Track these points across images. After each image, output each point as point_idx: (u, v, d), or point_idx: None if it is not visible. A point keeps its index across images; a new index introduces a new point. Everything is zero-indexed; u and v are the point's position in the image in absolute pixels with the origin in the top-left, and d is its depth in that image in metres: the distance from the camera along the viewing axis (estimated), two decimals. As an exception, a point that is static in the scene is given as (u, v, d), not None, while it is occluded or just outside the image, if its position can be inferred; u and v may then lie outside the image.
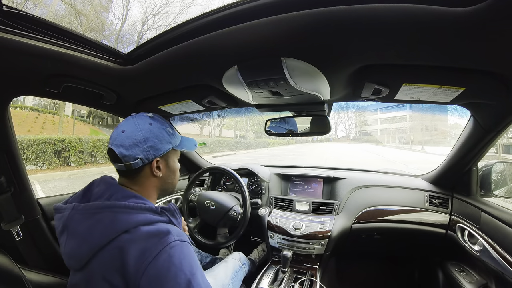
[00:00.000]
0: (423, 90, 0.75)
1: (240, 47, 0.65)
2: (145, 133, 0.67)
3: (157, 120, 0.72)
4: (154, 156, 0.68)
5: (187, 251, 0.58)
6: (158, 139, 0.68)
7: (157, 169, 0.70)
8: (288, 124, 1.22)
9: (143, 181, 0.70)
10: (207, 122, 19.17)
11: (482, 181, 1.13)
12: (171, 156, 0.75)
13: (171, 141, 0.73)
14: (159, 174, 0.71)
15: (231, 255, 1.35)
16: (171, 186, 0.78)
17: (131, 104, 1.15)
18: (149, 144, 0.67)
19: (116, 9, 18.99)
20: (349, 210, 1.36)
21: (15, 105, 14.36)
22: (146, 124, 0.68)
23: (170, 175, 0.76)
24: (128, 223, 0.57)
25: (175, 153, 0.77)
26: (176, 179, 0.80)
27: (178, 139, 0.77)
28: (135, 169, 0.66)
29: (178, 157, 0.80)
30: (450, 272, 1.19)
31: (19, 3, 10.15)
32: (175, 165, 0.78)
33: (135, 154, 0.65)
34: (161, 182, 0.74)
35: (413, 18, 0.48)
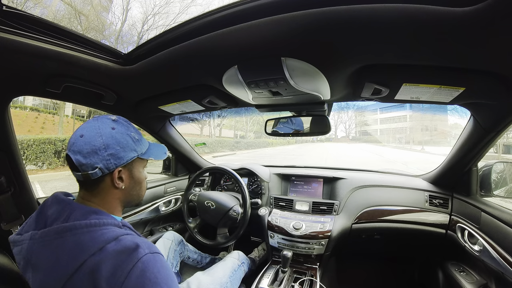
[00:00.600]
0: (423, 90, 0.75)
1: (240, 47, 0.65)
2: (106, 139, 0.59)
3: (121, 124, 0.64)
4: (115, 166, 0.60)
5: (160, 263, 0.54)
6: (120, 147, 0.61)
7: (119, 180, 0.63)
8: (288, 124, 1.22)
9: (104, 193, 0.63)
10: (207, 122, 19.17)
11: (482, 181, 1.13)
12: (136, 166, 0.68)
13: (136, 149, 0.65)
14: (122, 186, 0.64)
15: (230, 254, 1.35)
16: (136, 198, 0.72)
17: (131, 104, 1.15)
18: (110, 151, 0.59)
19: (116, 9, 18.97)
20: (349, 210, 1.36)
21: (15, 105, 14.35)
22: (108, 128, 0.61)
23: (135, 186, 0.69)
24: (93, 243, 0.51)
25: (141, 162, 0.69)
26: (143, 190, 0.73)
27: (145, 146, 0.69)
28: (94, 180, 0.59)
29: (145, 166, 0.73)
30: (450, 272, 1.19)
31: (19, 3, 10.14)
32: (141, 175, 0.70)
33: (93, 162, 0.58)
34: (124, 194, 0.67)
35: (413, 18, 0.48)
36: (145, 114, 1.29)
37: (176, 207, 1.70)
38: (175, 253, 1.27)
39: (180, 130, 1.65)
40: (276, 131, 1.26)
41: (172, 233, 1.36)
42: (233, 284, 1.16)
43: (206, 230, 1.53)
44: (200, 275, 1.10)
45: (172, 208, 1.67)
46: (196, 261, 1.44)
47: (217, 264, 1.23)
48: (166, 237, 1.30)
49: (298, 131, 1.20)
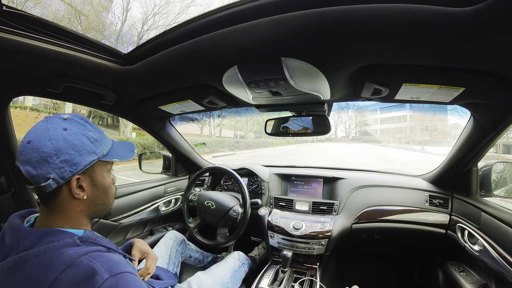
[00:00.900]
0: (423, 90, 0.75)
1: (240, 47, 0.65)
2: (56, 143, 0.50)
3: (75, 123, 0.55)
4: (71, 174, 0.52)
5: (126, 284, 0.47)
6: (75, 150, 0.52)
7: (78, 189, 0.55)
8: (288, 124, 1.22)
9: (64, 207, 0.55)
10: (207, 122, 19.17)
11: (482, 181, 1.13)
12: (99, 170, 0.58)
13: (96, 151, 0.56)
14: (83, 196, 0.56)
15: (231, 254, 1.36)
16: (104, 208, 0.63)
17: (131, 104, 1.15)
18: (63, 157, 0.50)
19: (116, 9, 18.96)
20: (349, 210, 1.36)
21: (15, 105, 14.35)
22: (59, 130, 0.52)
23: (99, 195, 0.60)
24: (46, 276, 0.44)
25: (104, 166, 0.60)
26: (110, 198, 0.64)
27: (107, 146, 0.60)
28: (50, 193, 0.51)
29: (111, 170, 0.64)
30: (450, 272, 1.19)
31: (19, 3, 10.15)
32: (105, 181, 0.61)
33: (45, 173, 0.49)
34: (88, 205, 0.58)
35: (413, 18, 0.48)
36: (145, 114, 1.29)
37: (176, 207, 1.70)
38: (177, 253, 1.28)
39: (180, 130, 1.65)
40: (276, 131, 1.26)
41: (174, 232, 1.36)
42: (234, 284, 1.16)
43: (206, 230, 1.53)
44: (201, 275, 1.11)
45: (172, 208, 1.67)
46: (198, 260, 1.44)
47: (218, 264, 1.24)
48: (168, 237, 1.30)
49: (298, 131, 1.20)
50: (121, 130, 14.03)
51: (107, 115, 18.75)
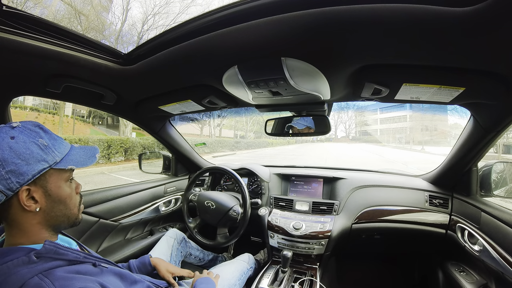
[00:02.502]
0: (423, 90, 0.75)
1: (240, 47, 0.65)
2: (2, 152, 0.47)
3: (24, 131, 0.52)
4: (18, 185, 0.49)
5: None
6: (22, 159, 0.49)
7: (30, 200, 0.51)
8: (288, 124, 1.22)
9: (19, 221, 0.51)
10: (207, 122, 19.17)
11: (482, 181, 1.13)
12: (53, 180, 0.54)
13: (46, 158, 0.52)
14: (35, 208, 0.52)
15: (241, 256, 1.35)
16: (64, 220, 0.58)
17: (131, 104, 1.15)
18: (9, 168, 0.48)
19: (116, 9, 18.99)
20: (349, 210, 1.36)
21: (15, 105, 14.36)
22: (6, 139, 0.49)
23: (56, 206, 0.55)
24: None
25: (59, 174, 0.56)
26: (72, 209, 0.59)
27: (61, 152, 0.56)
28: (2, 207, 0.50)
29: (69, 179, 0.59)
30: (450, 272, 1.19)
31: (19, 3, 10.15)
32: (62, 191, 0.56)
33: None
34: (44, 218, 0.54)
35: (413, 18, 0.48)
36: (145, 114, 1.29)
37: (176, 207, 1.70)
38: (177, 251, 1.28)
39: (180, 130, 1.65)
40: (276, 131, 1.26)
41: (174, 231, 1.36)
42: (240, 286, 1.16)
43: (206, 230, 1.53)
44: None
45: (172, 208, 1.67)
46: (198, 258, 1.44)
47: (226, 265, 1.23)
48: (169, 235, 1.30)
49: (298, 131, 1.20)
50: (121, 130, 14.03)
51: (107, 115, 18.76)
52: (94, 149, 0.64)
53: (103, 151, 8.14)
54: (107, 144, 8.30)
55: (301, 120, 1.19)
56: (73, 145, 0.61)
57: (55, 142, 0.56)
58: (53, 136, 0.56)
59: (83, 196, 0.67)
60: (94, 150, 0.64)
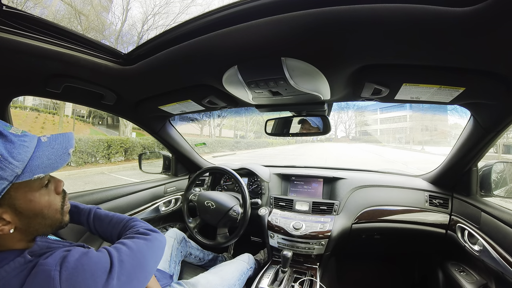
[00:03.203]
0: (423, 90, 0.75)
1: (240, 47, 0.65)
2: None
3: None
4: None
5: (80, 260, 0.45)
6: None
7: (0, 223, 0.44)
8: (288, 124, 1.22)
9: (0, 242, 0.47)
10: (207, 122, 19.18)
11: (482, 181, 1.13)
12: (20, 195, 0.46)
13: (4, 175, 0.42)
14: (9, 230, 0.45)
15: (241, 256, 1.35)
16: (47, 229, 0.53)
17: (131, 104, 1.15)
18: None
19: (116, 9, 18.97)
20: (349, 210, 1.36)
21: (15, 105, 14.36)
22: None
23: (32, 221, 0.48)
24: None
25: (28, 186, 0.47)
26: (50, 218, 0.52)
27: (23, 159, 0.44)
28: None
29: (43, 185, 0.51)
30: (450, 272, 1.19)
31: (19, 3, 10.15)
32: (34, 204, 0.48)
33: None
34: (23, 234, 0.49)
35: (413, 18, 0.48)
36: (145, 114, 1.29)
37: (176, 207, 1.70)
38: (177, 251, 1.28)
39: (180, 130, 1.65)
40: (276, 131, 1.26)
41: (174, 230, 1.36)
42: (240, 286, 1.17)
43: (206, 230, 1.53)
44: (208, 275, 1.11)
45: (172, 208, 1.67)
46: (198, 258, 1.44)
47: (226, 265, 1.23)
48: (168, 235, 1.30)
49: (298, 131, 1.20)
50: (121, 130, 14.04)
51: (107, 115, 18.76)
52: (65, 141, 0.51)
53: (102, 151, 8.14)
54: (107, 144, 8.30)
55: (301, 120, 1.19)
56: (40, 140, 0.49)
57: (12, 148, 0.43)
58: (9, 138, 0.44)
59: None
60: (66, 143, 0.51)
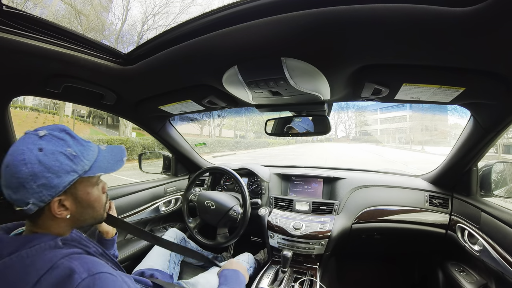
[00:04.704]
0: (423, 90, 0.75)
1: (240, 47, 0.65)
2: (31, 167, 0.48)
3: (53, 141, 0.51)
4: (50, 197, 0.50)
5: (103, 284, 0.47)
6: (52, 172, 0.49)
7: (60, 209, 0.53)
8: (288, 124, 1.22)
9: (48, 224, 0.54)
10: (207, 122, 19.18)
11: (482, 181, 1.13)
12: (82, 188, 0.56)
13: (76, 169, 0.53)
14: (66, 215, 0.54)
15: (240, 255, 1.35)
16: (92, 221, 0.63)
17: (131, 104, 1.15)
18: (40, 182, 0.48)
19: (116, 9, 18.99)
20: (349, 210, 1.36)
21: (15, 105, 14.37)
22: (34, 151, 0.49)
23: (85, 211, 0.58)
24: (27, 280, 0.45)
25: (88, 181, 0.58)
26: (97, 211, 0.62)
27: (90, 160, 0.56)
28: (33, 214, 0.51)
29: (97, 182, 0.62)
30: (450, 272, 1.19)
31: (19, 3, 10.16)
32: (90, 196, 0.59)
33: (24, 198, 0.48)
34: (73, 221, 0.58)
35: (413, 18, 0.48)
36: (145, 114, 1.29)
37: (176, 207, 1.70)
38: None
39: (180, 130, 1.65)
40: (276, 131, 1.26)
41: (174, 230, 1.36)
42: None
43: (206, 230, 1.53)
44: (208, 275, 1.11)
45: (172, 208, 1.67)
46: None
47: None
48: (168, 235, 1.30)
49: (298, 131, 1.20)
50: (121, 130, 14.04)
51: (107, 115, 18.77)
52: (121, 152, 0.64)
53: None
54: (107, 144, 8.28)
55: (301, 120, 1.19)
56: (100, 148, 0.62)
57: (83, 149, 0.55)
58: (81, 142, 0.56)
59: None
60: (121, 153, 0.64)
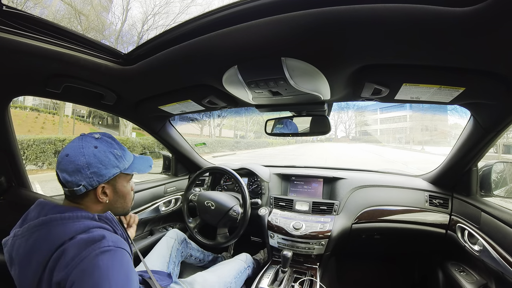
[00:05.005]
0: (423, 90, 0.75)
1: (240, 47, 0.65)
2: (88, 158, 0.62)
3: (104, 142, 0.67)
4: (98, 183, 0.64)
5: (118, 258, 0.56)
6: (102, 164, 0.64)
7: (102, 194, 0.67)
8: (288, 124, 1.22)
9: (88, 205, 0.67)
10: (207, 122, 19.18)
11: (482, 181, 1.13)
12: (120, 181, 0.71)
13: (119, 165, 0.68)
14: (105, 200, 0.68)
15: (239, 255, 1.36)
16: (120, 210, 0.76)
17: (131, 104, 1.15)
18: (92, 170, 0.63)
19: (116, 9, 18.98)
20: (349, 210, 1.36)
21: (15, 105, 14.37)
22: (91, 147, 0.64)
23: (119, 200, 0.73)
24: (65, 234, 0.56)
25: (124, 177, 0.73)
26: (127, 203, 0.77)
27: (128, 161, 0.73)
28: (79, 195, 0.64)
29: (130, 179, 0.77)
30: (450, 272, 1.19)
31: (19, 3, 10.15)
32: (124, 189, 0.74)
33: (77, 180, 0.62)
34: (107, 207, 0.71)
35: (413, 18, 0.48)
36: (145, 114, 1.29)
37: (176, 207, 1.70)
38: (177, 252, 1.28)
39: (180, 130, 1.65)
40: (276, 131, 1.26)
41: (175, 231, 1.36)
42: (237, 285, 1.17)
43: (206, 230, 1.53)
44: (205, 274, 1.11)
45: (172, 208, 1.67)
46: (198, 259, 1.44)
47: (224, 264, 1.24)
48: (169, 236, 1.30)
49: (298, 131, 1.20)
50: (121, 130, 14.04)
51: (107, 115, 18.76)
52: (149, 160, 0.81)
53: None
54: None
55: (301, 120, 1.19)
56: (135, 155, 0.78)
57: (124, 153, 0.72)
58: (122, 147, 0.72)
59: None
60: (149, 161, 0.81)
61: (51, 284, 0.52)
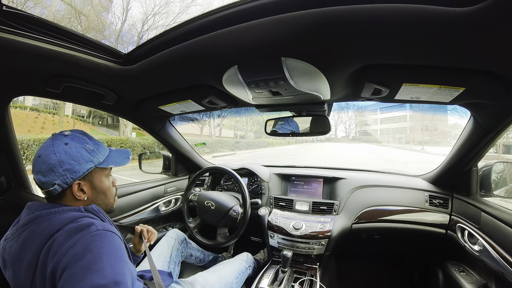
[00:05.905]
0: (423, 90, 0.75)
1: (240, 47, 0.65)
2: (59, 155, 0.62)
3: (75, 138, 0.66)
4: (72, 180, 0.63)
5: (109, 240, 0.57)
6: (74, 160, 0.63)
7: (79, 192, 0.66)
8: (288, 124, 1.22)
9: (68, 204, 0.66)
10: (207, 122, 19.18)
11: (482, 181, 1.13)
12: (97, 176, 0.70)
13: (92, 159, 0.67)
14: (84, 197, 0.67)
15: (239, 255, 1.36)
16: (103, 207, 0.73)
17: (131, 104, 1.15)
18: (65, 167, 0.62)
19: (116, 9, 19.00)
20: (349, 210, 1.36)
21: (15, 105, 14.37)
22: (62, 145, 0.63)
23: (99, 196, 0.71)
24: (52, 227, 0.56)
25: (102, 172, 0.72)
26: (109, 199, 0.75)
27: (103, 155, 0.71)
28: (56, 195, 0.64)
29: (109, 175, 0.75)
30: (450, 272, 1.19)
31: (19, 3, 10.15)
32: (103, 184, 0.72)
33: (52, 180, 0.61)
34: (89, 204, 0.69)
35: (413, 18, 0.48)
36: (145, 114, 1.29)
37: (176, 207, 1.70)
38: (178, 252, 1.28)
39: (180, 130, 1.65)
40: (276, 131, 1.26)
41: (175, 231, 1.36)
42: (238, 285, 1.17)
43: (206, 230, 1.53)
44: (206, 274, 1.11)
45: (172, 208, 1.67)
46: (198, 259, 1.44)
47: (225, 264, 1.24)
48: (169, 235, 1.30)
49: (298, 131, 1.20)
50: (121, 130, 14.04)
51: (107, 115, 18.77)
52: (127, 152, 0.80)
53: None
54: (107, 144, 8.30)
55: (301, 120, 1.19)
56: (111, 149, 0.76)
57: (98, 147, 0.70)
58: (96, 142, 0.71)
59: None
60: (127, 153, 0.80)
61: (46, 278, 0.52)
